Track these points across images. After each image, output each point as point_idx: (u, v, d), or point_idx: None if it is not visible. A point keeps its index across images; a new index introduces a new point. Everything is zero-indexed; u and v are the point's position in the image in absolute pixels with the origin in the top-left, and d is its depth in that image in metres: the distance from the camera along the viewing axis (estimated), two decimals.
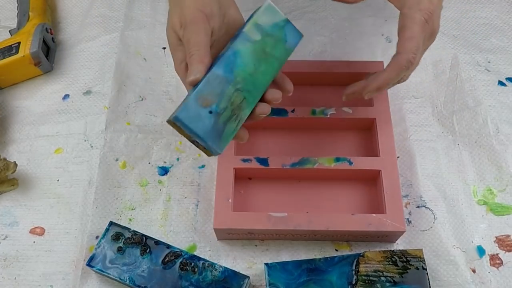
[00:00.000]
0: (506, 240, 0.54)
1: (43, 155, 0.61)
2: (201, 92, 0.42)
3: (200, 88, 0.42)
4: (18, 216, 0.57)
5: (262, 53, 0.46)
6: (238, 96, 0.44)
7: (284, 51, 0.47)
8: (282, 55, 0.47)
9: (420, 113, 0.62)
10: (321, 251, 0.54)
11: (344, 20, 0.70)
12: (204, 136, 0.42)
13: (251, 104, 0.45)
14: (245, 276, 0.50)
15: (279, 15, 0.48)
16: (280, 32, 0.47)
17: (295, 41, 0.48)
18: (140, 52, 0.69)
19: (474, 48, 0.67)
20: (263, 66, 0.46)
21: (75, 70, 0.68)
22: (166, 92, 0.66)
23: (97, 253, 0.52)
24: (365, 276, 0.49)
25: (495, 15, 0.71)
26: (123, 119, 0.63)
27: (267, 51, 0.46)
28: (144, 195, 0.58)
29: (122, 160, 0.60)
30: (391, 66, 0.47)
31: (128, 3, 0.73)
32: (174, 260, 0.51)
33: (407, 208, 0.56)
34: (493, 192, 0.57)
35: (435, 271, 0.52)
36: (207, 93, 0.42)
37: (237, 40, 0.45)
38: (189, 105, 0.41)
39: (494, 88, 0.64)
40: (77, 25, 0.73)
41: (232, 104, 0.43)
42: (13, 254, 0.55)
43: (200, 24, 0.44)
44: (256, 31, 0.46)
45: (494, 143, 0.59)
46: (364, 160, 0.55)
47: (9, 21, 0.72)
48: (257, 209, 0.56)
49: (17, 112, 0.65)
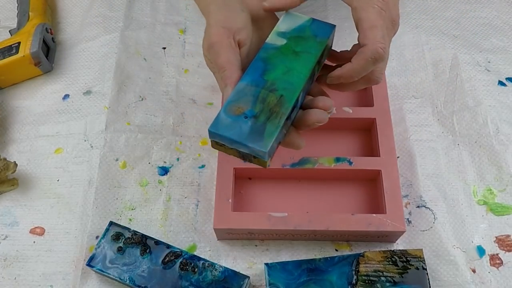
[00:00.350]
0: (506, 240, 0.54)
1: (43, 155, 0.61)
2: (231, 103, 0.41)
3: (229, 99, 0.41)
4: (18, 216, 0.57)
5: (291, 53, 0.44)
6: (273, 95, 0.42)
7: (317, 44, 0.45)
8: (316, 49, 0.45)
9: (420, 113, 0.62)
10: (321, 251, 0.54)
11: (344, 20, 0.70)
12: (242, 139, 0.39)
13: (291, 99, 0.42)
14: (245, 276, 0.50)
15: (301, 17, 0.47)
16: (308, 31, 0.46)
17: (327, 33, 0.46)
18: (140, 52, 0.69)
19: (474, 48, 0.67)
20: (295, 63, 0.44)
21: (75, 70, 0.68)
22: (166, 92, 0.66)
23: (97, 253, 0.52)
24: (365, 276, 0.49)
25: (495, 15, 0.71)
26: (123, 119, 0.63)
27: (297, 50, 0.45)
28: (144, 195, 0.58)
29: (122, 160, 0.60)
30: (357, 58, 0.43)
31: (128, 3, 0.73)
32: (174, 260, 0.51)
33: (407, 208, 0.56)
34: (493, 192, 0.57)
35: (435, 271, 0.52)
36: (238, 102, 0.41)
37: (260, 51, 0.44)
38: (220, 117, 0.40)
39: (494, 88, 0.64)
40: (77, 25, 0.73)
41: (269, 104, 0.41)
42: (13, 254, 0.55)
43: (224, 41, 0.43)
44: (279, 37, 0.45)
45: (494, 143, 0.59)
46: (364, 160, 0.55)
47: (9, 21, 0.72)
48: (257, 209, 0.56)
49: (17, 112, 0.65)
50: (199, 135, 0.62)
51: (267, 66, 0.43)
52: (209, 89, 0.65)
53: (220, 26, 0.43)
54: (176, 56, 0.69)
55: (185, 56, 0.69)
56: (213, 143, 0.41)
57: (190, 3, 0.74)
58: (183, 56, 0.69)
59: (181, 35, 0.71)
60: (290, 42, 0.45)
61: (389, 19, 0.44)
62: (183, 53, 0.69)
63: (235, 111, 0.40)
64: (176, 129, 0.62)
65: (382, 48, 0.42)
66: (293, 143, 0.43)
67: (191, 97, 0.65)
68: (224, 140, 0.40)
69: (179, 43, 0.70)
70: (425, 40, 0.68)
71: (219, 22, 0.44)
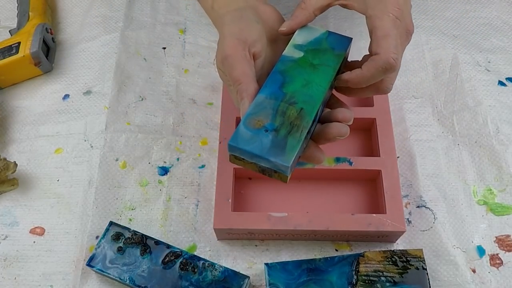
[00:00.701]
0: (506, 240, 0.54)
1: (43, 155, 0.61)
2: (251, 116, 0.40)
3: (248, 112, 0.40)
4: (18, 216, 0.57)
5: (309, 66, 0.44)
6: (293, 109, 0.41)
7: (335, 57, 0.45)
8: (334, 61, 0.45)
9: (420, 113, 0.62)
10: (321, 251, 0.54)
11: (344, 20, 0.70)
12: (264, 153, 0.38)
13: (311, 112, 0.41)
14: (245, 276, 0.50)
15: (317, 30, 0.46)
16: (324, 44, 0.46)
17: (344, 46, 0.46)
18: (140, 52, 0.69)
19: (474, 48, 0.67)
20: (314, 76, 0.43)
21: (75, 70, 0.68)
22: (166, 92, 0.66)
23: (97, 253, 0.52)
24: (365, 276, 0.49)
25: (495, 15, 0.71)
26: (123, 119, 0.63)
27: (315, 63, 0.44)
28: (144, 195, 0.58)
29: (122, 160, 0.60)
30: (367, 66, 0.42)
31: (128, 3, 0.73)
32: (174, 260, 0.51)
33: (407, 208, 0.56)
34: (493, 192, 0.57)
35: (435, 271, 0.52)
36: (257, 115, 0.40)
37: (278, 63, 0.44)
38: (240, 131, 0.39)
39: (494, 88, 0.64)
40: (77, 25, 0.73)
41: (289, 117, 0.40)
42: (13, 254, 0.55)
43: (239, 54, 0.42)
44: (296, 50, 0.45)
45: (494, 143, 0.59)
46: (364, 160, 0.55)
47: (9, 21, 0.72)
48: (257, 209, 0.56)
49: (17, 112, 0.65)
50: (199, 135, 0.62)
51: (285, 78, 0.43)
52: (209, 89, 0.65)
53: (235, 38, 0.42)
54: (176, 56, 0.69)
55: (185, 56, 0.69)
56: (231, 157, 0.40)
57: (190, 3, 0.74)
58: (183, 56, 0.69)
59: (181, 35, 0.71)
60: (308, 55, 0.45)
61: (403, 28, 0.44)
62: (183, 53, 0.69)
63: (255, 124, 0.39)
64: (176, 129, 0.62)
65: (394, 59, 0.41)
66: (314, 157, 0.42)
67: (191, 97, 0.65)
68: (244, 154, 0.39)
69: (179, 43, 0.70)
70: (425, 40, 0.68)
71: (233, 33, 0.43)
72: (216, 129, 0.61)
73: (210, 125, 0.62)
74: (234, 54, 0.42)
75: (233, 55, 0.42)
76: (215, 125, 0.62)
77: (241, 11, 0.46)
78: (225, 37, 0.43)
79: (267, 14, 0.47)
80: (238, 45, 0.42)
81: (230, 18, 0.45)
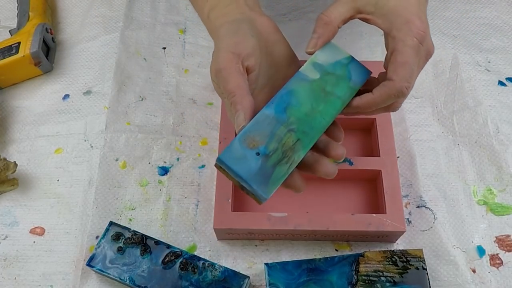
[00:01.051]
0: (506, 240, 0.54)
1: (43, 155, 0.61)
2: (248, 133, 0.39)
3: (247, 129, 0.39)
4: (18, 216, 0.57)
5: (321, 91, 0.42)
6: (290, 137, 0.40)
7: (348, 90, 0.43)
8: (346, 94, 0.43)
9: (420, 113, 0.62)
10: (321, 251, 0.54)
11: None
12: (248, 178, 0.38)
13: (306, 146, 0.40)
14: (245, 276, 0.50)
15: (342, 52, 0.44)
16: (343, 70, 0.44)
17: (361, 79, 0.44)
18: (140, 52, 0.69)
19: (474, 48, 0.67)
20: (322, 105, 0.42)
21: (75, 70, 0.68)
22: (166, 92, 0.66)
23: (97, 253, 0.52)
24: (365, 276, 0.49)
25: (495, 15, 0.71)
26: (123, 119, 0.63)
27: (327, 90, 0.43)
28: (144, 195, 0.58)
29: (122, 160, 0.60)
30: (380, 91, 0.42)
31: (128, 3, 0.73)
32: (174, 260, 0.51)
33: (407, 208, 0.56)
34: (493, 192, 0.57)
35: (435, 271, 0.52)
36: (254, 134, 0.39)
37: (292, 79, 0.42)
38: (234, 146, 0.39)
39: (494, 88, 0.64)
40: (77, 25, 0.73)
41: (284, 145, 0.40)
42: (13, 254, 0.55)
43: (232, 66, 0.42)
44: (314, 69, 0.43)
45: (494, 143, 0.59)
46: (364, 160, 0.55)
47: (9, 21, 0.72)
48: (257, 209, 0.56)
49: (17, 112, 0.65)
50: (199, 135, 0.62)
51: (293, 100, 0.41)
52: (209, 89, 0.65)
53: (230, 51, 0.42)
54: (176, 56, 0.69)
55: (185, 56, 0.69)
56: (216, 165, 0.40)
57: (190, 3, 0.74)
58: (183, 56, 0.69)
59: (181, 35, 0.71)
60: (323, 78, 0.43)
61: (425, 51, 0.43)
62: (183, 53, 0.69)
63: (249, 144, 0.39)
64: (176, 129, 0.62)
65: (407, 88, 0.41)
66: (294, 186, 0.41)
67: (191, 97, 0.65)
68: (230, 171, 0.38)
69: (179, 43, 0.70)
70: None
71: (228, 47, 0.42)
72: (216, 129, 0.61)
73: (210, 125, 0.62)
74: (228, 67, 0.42)
75: (227, 68, 0.42)
76: (215, 125, 0.62)
77: (237, 24, 0.45)
78: (219, 50, 0.43)
79: (263, 26, 0.46)
80: (232, 59, 0.42)
81: (225, 31, 0.44)
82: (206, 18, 0.49)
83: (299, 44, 0.48)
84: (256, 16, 0.46)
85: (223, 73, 0.42)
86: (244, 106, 0.40)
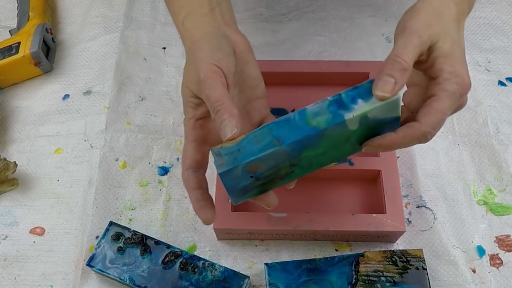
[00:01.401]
0: (506, 240, 0.54)
1: (43, 155, 0.61)
2: (257, 161, 0.37)
3: (258, 157, 0.37)
4: (18, 216, 0.57)
5: (344, 140, 0.39)
6: (287, 169, 0.39)
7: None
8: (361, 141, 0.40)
9: None
10: (321, 251, 0.54)
11: (344, 20, 0.70)
12: (230, 190, 0.40)
13: (295, 177, 0.40)
14: (245, 276, 0.50)
15: (397, 111, 0.38)
16: (383, 128, 0.39)
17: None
18: (140, 52, 0.69)
19: (474, 48, 0.67)
20: (334, 151, 0.40)
21: (75, 70, 0.68)
22: (166, 92, 0.66)
23: (97, 253, 0.52)
24: (365, 276, 0.49)
25: (495, 15, 0.71)
26: (123, 119, 0.63)
27: (351, 140, 0.39)
28: (144, 195, 0.58)
29: (122, 160, 0.60)
30: (404, 132, 0.39)
31: (128, 3, 0.73)
32: (174, 260, 0.51)
33: (407, 208, 0.56)
34: (493, 192, 0.57)
35: (435, 271, 0.52)
36: (263, 162, 0.37)
37: (332, 126, 0.37)
38: (235, 171, 0.37)
39: (494, 88, 0.64)
40: (77, 25, 0.73)
41: (277, 174, 0.39)
42: (13, 254, 0.55)
43: (217, 78, 0.40)
44: (357, 122, 0.37)
45: (494, 143, 0.59)
46: (364, 160, 0.55)
47: (9, 21, 0.72)
48: (257, 209, 0.56)
49: (17, 112, 0.65)
50: None
51: (314, 143, 0.38)
52: None
53: (213, 64, 0.40)
54: (176, 56, 0.69)
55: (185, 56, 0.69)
56: None
57: None
58: (183, 56, 0.69)
59: None
60: (358, 129, 0.38)
61: (459, 104, 0.41)
62: (183, 53, 0.69)
63: (251, 169, 0.38)
64: (176, 129, 0.62)
65: (431, 134, 0.39)
66: (266, 202, 0.44)
67: None
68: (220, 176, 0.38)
69: (179, 43, 0.70)
70: None
71: (212, 60, 0.41)
72: None
73: None
74: (214, 77, 0.40)
75: (213, 78, 0.40)
76: None
77: (218, 39, 0.44)
78: (202, 61, 0.41)
79: (237, 44, 0.45)
80: (217, 71, 0.40)
81: (207, 45, 0.43)
82: (181, 24, 0.47)
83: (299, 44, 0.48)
84: (231, 32, 0.45)
85: (208, 82, 0.40)
86: (234, 114, 0.38)
